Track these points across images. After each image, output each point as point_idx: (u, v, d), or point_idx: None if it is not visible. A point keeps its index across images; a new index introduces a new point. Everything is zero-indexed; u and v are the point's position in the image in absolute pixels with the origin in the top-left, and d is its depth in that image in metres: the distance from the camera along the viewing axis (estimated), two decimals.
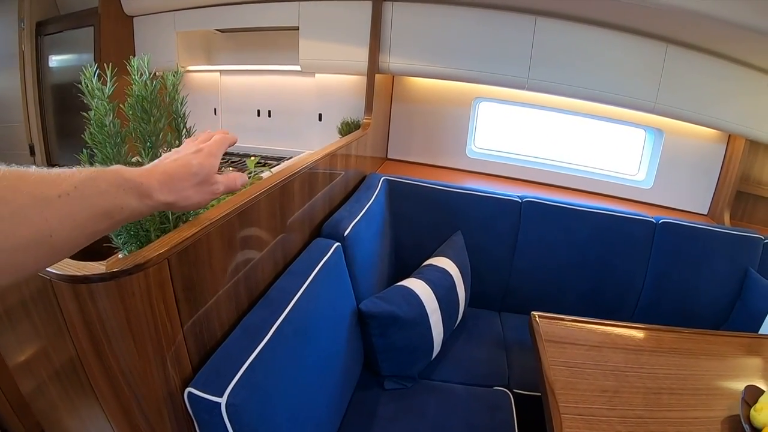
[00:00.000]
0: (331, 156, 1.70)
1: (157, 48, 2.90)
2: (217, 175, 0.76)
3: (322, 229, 1.60)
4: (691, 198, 2.95)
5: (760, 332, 2.20)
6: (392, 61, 2.48)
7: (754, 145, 2.73)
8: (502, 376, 1.87)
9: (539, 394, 1.37)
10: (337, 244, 1.51)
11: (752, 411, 1.37)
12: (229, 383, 0.90)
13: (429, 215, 2.25)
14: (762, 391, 1.46)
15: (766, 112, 2.59)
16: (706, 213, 2.96)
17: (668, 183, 2.92)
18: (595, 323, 1.66)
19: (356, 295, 1.60)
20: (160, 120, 0.94)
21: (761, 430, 1.32)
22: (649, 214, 2.40)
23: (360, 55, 2.47)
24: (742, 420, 1.33)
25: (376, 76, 2.47)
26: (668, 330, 1.76)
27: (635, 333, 1.70)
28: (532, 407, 1.55)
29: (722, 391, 1.53)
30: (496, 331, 2.18)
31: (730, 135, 2.80)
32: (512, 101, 2.91)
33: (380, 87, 2.56)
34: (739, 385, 1.50)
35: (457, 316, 1.96)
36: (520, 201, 2.28)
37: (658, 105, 2.50)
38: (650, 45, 2.44)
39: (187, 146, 0.77)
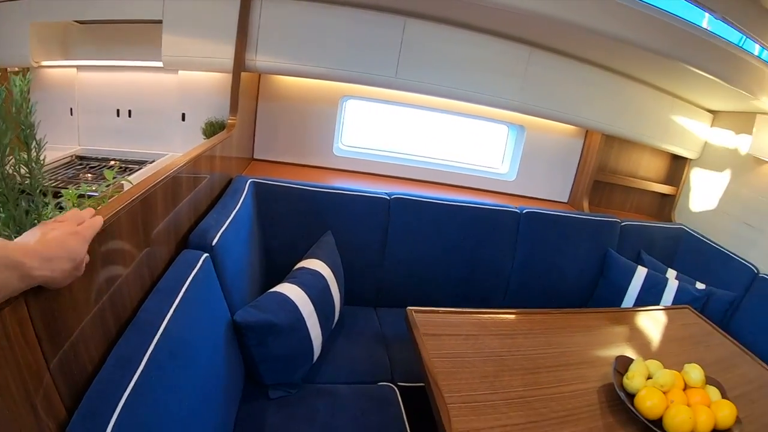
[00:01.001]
0: (196, 160, 1.63)
1: (5, 40, 2.61)
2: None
3: (189, 240, 1.54)
4: (552, 188, 3.28)
5: (622, 306, 2.56)
6: (259, 59, 2.43)
7: (609, 138, 3.13)
8: (385, 370, 1.93)
9: (423, 384, 1.41)
10: (206, 255, 1.47)
11: (625, 379, 1.54)
12: (107, 425, 0.84)
13: (298, 217, 2.26)
14: (631, 360, 1.62)
15: (620, 110, 2.95)
16: (567, 201, 3.30)
17: (531, 175, 3.19)
18: (470, 312, 1.74)
19: (230, 307, 1.56)
20: (6, 134, 0.86)
21: (635, 395, 1.48)
22: (514, 205, 2.62)
23: (226, 52, 2.39)
24: (617, 388, 1.48)
25: (242, 74, 2.42)
26: (539, 312, 1.92)
27: (509, 317, 1.85)
28: (419, 398, 1.59)
29: (594, 362, 1.68)
30: (374, 327, 2.24)
31: (587, 130, 3.14)
32: (381, 99, 2.97)
33: (246, 85, 2.49)
34: (609, 356, 1.67)
35: (334, 317, 1.99)
36: (388, 198, 2.36)
37: (520, 104, 2.74)
38: (515, 48, 2.65)
39: (60, 225, 0.76)
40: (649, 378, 1.58)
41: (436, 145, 3.17)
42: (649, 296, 2.62)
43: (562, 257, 2.72)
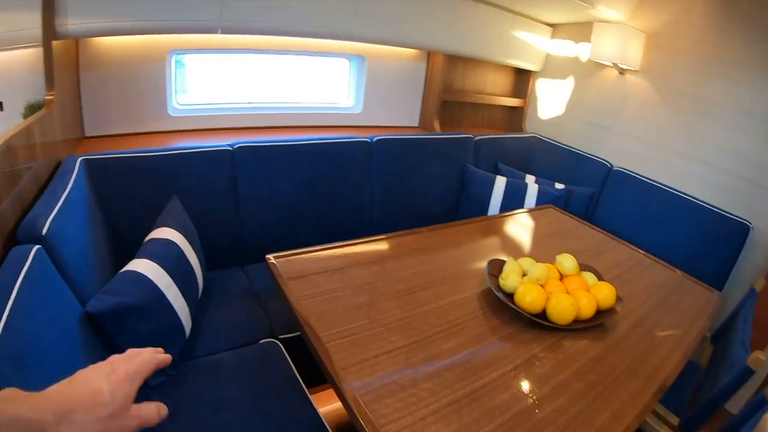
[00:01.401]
0: (7, 150, 1.30)
1: None
2: (134, 406, 0.60)
3: (16, 236, 1.27)
4: (402, 114, 3.20)
5: (488, 215, 2.55)
6: (71, 22, 1.98)
7: (452, 58, 3.08)
8: (264, 328, 1.84)
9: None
10: (37, 247, 1.22)
11: (500, 280, 1.53)
12: None
13: (139, 188, 1.99)
14: (503, 261, 1.61)
15: (461, 30, 2.87)
16: (418, 125, 3.23)
17: (378, 104, 3.08)
18: (334, 247, 1.67)
19: (80, 299, 1.33)
20: None
21: (513, 294, 1.49)
22: (364, 135, 2.52)
23: (33, 21, 1.91)
24: (494, 290, 1.49)
25: (54, 43, 1.94)
26: (406, 233, 1.88)
27: (374, 245, 1.77)
28: (304, 346, 1.45)
29: (468, 272, 1.69)
30: (244, 285, 2.10)
31: (429, 52, 3.05)
32: (213, 49, 2.65)
33: (62, 55, 2.05)
34: (483, 264, 1.66)
35: (198, 284, 1.81)
36: (231, 149, 2.16)
37: (356, 32, 2.57)
38: None
39: (101, 367, 0.61)
40: (524, 276, 1.58)
41: (279, 89, 2.95)
42: (512, 203, 2.71)
43: (421, 179, 2.70)
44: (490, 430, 1.03)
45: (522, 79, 3.62)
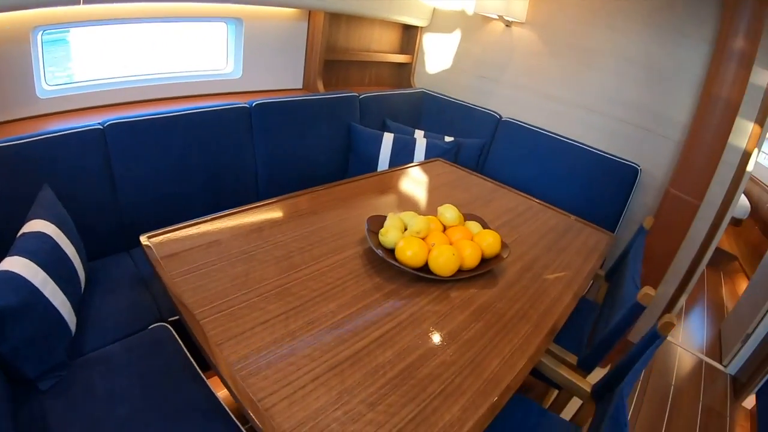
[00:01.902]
0: None
1: None
2: None
3: None
4: (284, 77, 3.01)
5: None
6: None
7: (334, 17, 2.93)
8: (152, 312, 1.74)
9: None
10: None
11: (380, 237, 1.47)
12: None
13: (6, 181, 1.80)
14: (384, 217, 1.55)
15: None
16: (302, 87, 3.06)
17: (258, 68, 2.90)
18: (209, 219, 1.58)
19: None
20: None
21: (394, 250, 1.43)
22: (242, 101, 2.39)
23: None
24: (373, 247, 1.43)
25: None
26: (287, 197, 1.81)
27: (253, 213, 1.68)
28: None
29: (351, 231, 1.63)
30: (130, 271, 1.97)
31: (309, 11, 2.88)
32: (82, 22, 2.32)
33: None
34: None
35: (78, 276, 1.66)
36: (102, 127, 1.99)
37: None
38: None
39: None
40: (406, 230, 1.51)
41: (157, 60, 2.69)
42: (401, 158, 2.65)
43: (307, 141, 2.59)
44: (374, 391, 1.00)
45: (409, 35, 3.53)
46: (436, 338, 1.19)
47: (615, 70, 2.71)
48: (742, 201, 4.64)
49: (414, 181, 2.23)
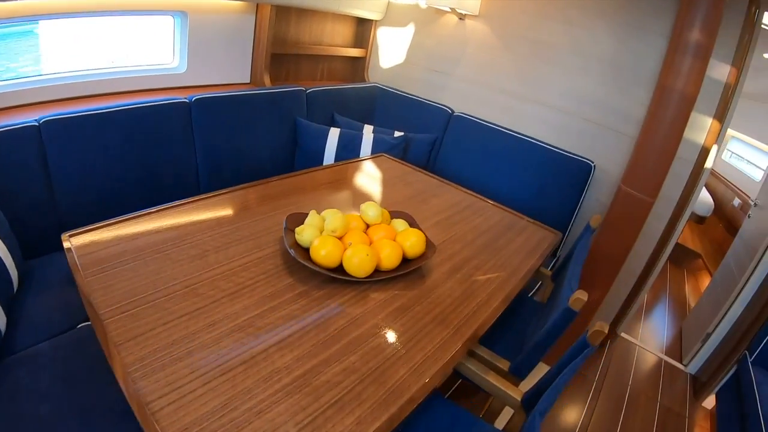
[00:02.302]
0: None
1: None
2: None
3: None
4: (231, 71, 2.94)
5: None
6: None
7: (282, 9, 2.85)
8: (82, 311, 1.64)
9: None
10: None
11: (296, 235, 1.42)
12: None
13: None
14: (306, 215, 1.49)
15: None
16: (249, 81, 2.99)
17: (204, 62, 2.83)
18: (133, 217, 1.54)
19: None
20: None
21: (308, 249, 1.37)
22: (182, 96, 2.33)
23: None
24: (287, 246, 1.37)
25: None
26: (215, 194, 1.76)
27: (178, 211, 1.63)
28: None
29: (273, 229, 1.57)
30: (65, 270, 1.85)
31: (257, 4, 2.81)
32: (19, 18, 2.18)
33: None
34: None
35: (10, 275, 1.64)
36: (38, 124, 1.93)
37: None
38: None
39: None
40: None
41: (101, 55, 2.59)
42: (347, 153, 2.59)
43: (251, 136, 2.53)
44: (264, 398, 0.95)
45: (363, 28, 3.46)
46: (341, 343, 1.13)
47: (570, 64, 2.66)
48: (705, 199, 4.65)
49: (353, 177, 2.17)
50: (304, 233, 1.38)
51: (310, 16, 3.10)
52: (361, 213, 1.52)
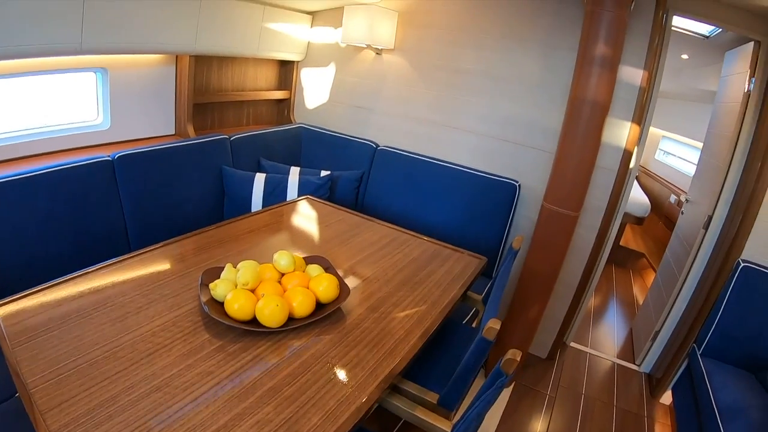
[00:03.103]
0: None
1: None
2: None
3: None
4: (155, 124, 2.93)
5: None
6: None
7: (202, 58, 2.88)
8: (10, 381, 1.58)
9: None
10: None
11: (211, 291, 1.42)
12: None
13: None
14: (222, 269, 1.51)
15: (206, 28, 2.69)
16: (174, 133, 2.98)
17: (127, 117, 2.81)
18: (59, 282, 1.52)
19: None
20: None
21: (223, 303, 1.38)
22: (105, 153, 2.31)
23: None
24: (202, 303, 1.38)
25: None
26: (141, 252, 1.75)
27: (104, 273, 1.62)
28: None
29: (193, 285, 1.56)
30: None
31: (177, 55, 2.82)
32: None
33: None
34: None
35: None
36: None
37: (84, 46, 2.25)
38: None
39: None
40: None
41: (24, 117, 2.53)
42: (274, 198, 2.60)
43: (178, 189, 2.51)
44: None
45: (286, 69, 3.50)
46: (256, 395, 1.14)
47: (488, 88, 2.76)
48: (642, 200, 4.81)
49: (276, 224, 2.18)
50: (218, 288, 1.39)
51: (231, 63, 3.13)
52: (274, 263, 1.53)
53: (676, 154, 5.68)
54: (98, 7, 2.20)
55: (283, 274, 1.51)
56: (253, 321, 1.34)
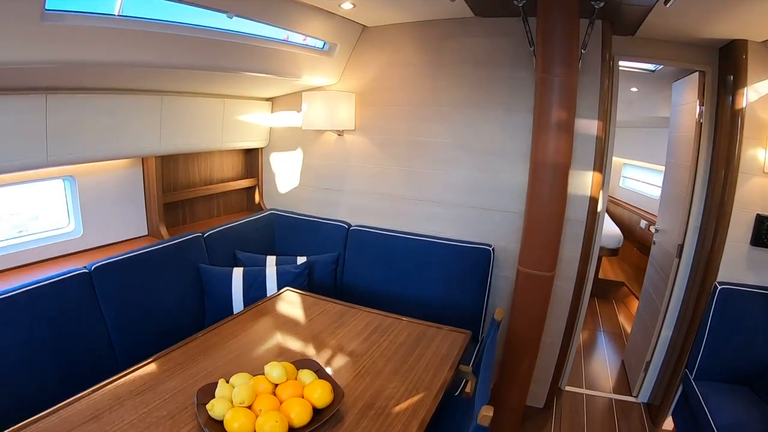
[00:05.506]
0: None
1: None
2: None
3: None
4: (128, 227, 2.94)
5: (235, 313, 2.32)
6: None
7: (165, 157, 2.92)
8: None
9: None
10: None
11: (208, 410, 1.41)
12: None
13: None
14: (215, 384, 1.51)
15: (166, 128, 2.75)
16: (147, 233, 3.00)
17: (99, 223, 2.82)
18: (46, 414, 1.47)
19: None
20: None
21: (222, 422, 1.38)
22: (81, 265, 2.25)
23: None
24: (202, 425, 1.36)
25: None
26: (130, 371, 1.73)
27: (91, 400, 1.57)
28: None
29: (186, 404, 1.53)
30: None
31: (143, 158, 2.86)
32: None
33: None
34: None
35: None
36: None
37: (50, 158, 2.29)
38: (27, 100, 2.15)
39: None
40: None
41: None
42: (253, 293, 2.59)
43: (158, 294, 2.46)
44: None
45: (251, 156, 3.58)
46: None
47: (451, 157, 2.88)
48: (613, 231, 4.94)
49: (260, 325, 2.17)
50: (215, 408, 1.41)
51: (196, 157, 3.20)
52: (266, 374, 1.56)
53: (640, 179, 5.87)
54: (61, 119, 2.25)
55: (276, 385, 1.54)
56: None
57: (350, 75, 3.10)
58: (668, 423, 2.82)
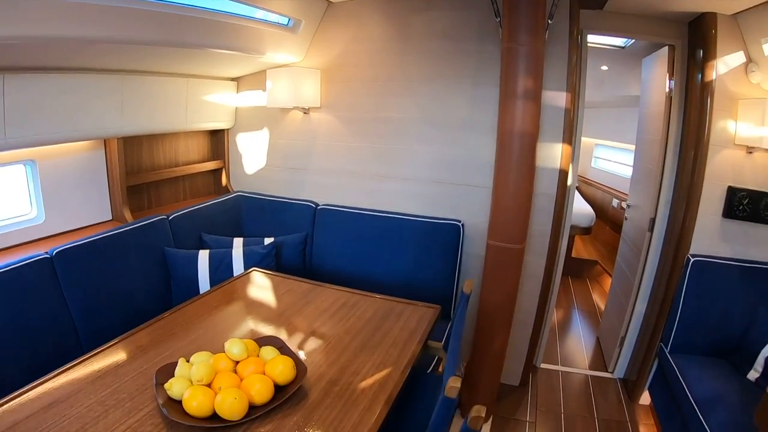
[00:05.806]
0: None
1: None
2: None
3: None
4: (91, 211, 2.87)
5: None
6: None
7: (128, 139, 2.85)
8: None
9: None
10: None
11: (166, 389, 1.38)
12: None
13: None
14: (176, 364, 1.48)
15: (127, 108, 2.68)
16: (111, 218, 2.93)
17: (62, 208, 2.75)
18: (7, 401, 1.43)
19: None
20: None
21: (181, 402, 1.34)
22: (43, 251, 2.19)
23: None
24: (160, 405, 1.33)
25: None
26: (92, 355, 1.68)
27: (52, 386, 1.52)
28: None
29: (147, 386, 1.50)
30: None
31: (105, 139, 2.79)
32: None
33: None
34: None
35: None
36: None
37: (9, 140, 2.21)
38: None
39: None
40: None
41: None
42: (220, 274, 2.56)
43: (122, 277, 2.42)
44: None
45: (217, 138, 3.50)
46: None
47: (419, 133, 2.84)
48: (586, 210, 4.98)
49: (225, 304, 2.14)
50: (174, 387, 1.37)
51: (161, 139, 3.13)
52: (226, 351, 1.52)
53: (611, 159, 5.92)
54: (19, 100, 2.18)
55: (237, 362, 1.50)
56: (214, 416, 1.33)
57: (316, 52, 3.04)
58: (645, 398, 2.84)
